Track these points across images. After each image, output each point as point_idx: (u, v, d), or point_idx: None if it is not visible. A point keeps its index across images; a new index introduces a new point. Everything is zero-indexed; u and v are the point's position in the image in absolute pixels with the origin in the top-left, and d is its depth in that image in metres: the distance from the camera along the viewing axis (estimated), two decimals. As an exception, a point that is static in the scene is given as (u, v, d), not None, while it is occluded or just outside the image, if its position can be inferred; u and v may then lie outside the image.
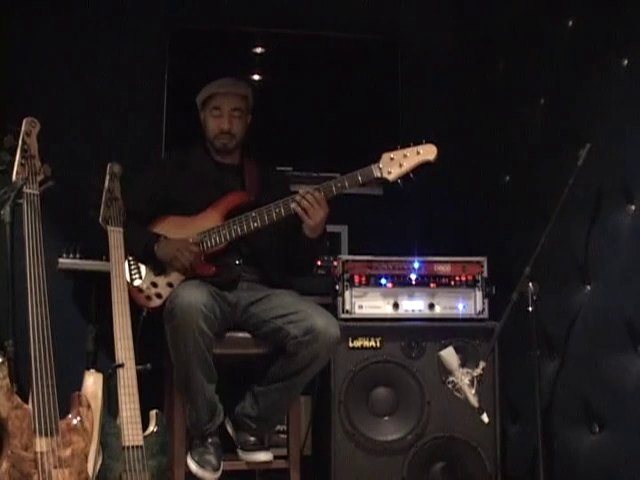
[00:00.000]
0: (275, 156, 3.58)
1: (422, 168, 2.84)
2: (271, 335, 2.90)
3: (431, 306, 3.17)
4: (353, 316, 3.13)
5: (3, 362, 2.29)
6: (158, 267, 2.95)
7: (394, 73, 3.94)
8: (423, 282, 3.18)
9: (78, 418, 2.39)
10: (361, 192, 3.59)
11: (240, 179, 3.14)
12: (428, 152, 2.83)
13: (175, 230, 2.97)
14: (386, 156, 2.85)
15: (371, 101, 3.93)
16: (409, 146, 2.84)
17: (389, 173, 2.84)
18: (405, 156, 2.84)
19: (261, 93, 3.48)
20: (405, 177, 2.84)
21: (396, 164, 2.84)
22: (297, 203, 2.84)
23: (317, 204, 2.83)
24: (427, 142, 2.84)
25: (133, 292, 2.89)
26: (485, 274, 3.19)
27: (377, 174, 2.85)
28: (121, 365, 2.53)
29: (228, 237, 2.93)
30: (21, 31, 3.66)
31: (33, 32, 3.67)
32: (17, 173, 2.50)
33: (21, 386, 2.40)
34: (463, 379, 2.55)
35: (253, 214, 2.90)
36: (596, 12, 2.84)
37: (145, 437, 2.51)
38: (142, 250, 2.94)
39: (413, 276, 3.18)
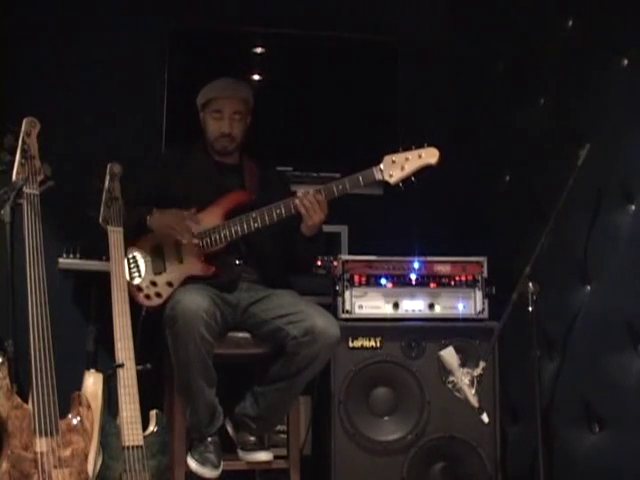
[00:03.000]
0: (275, 156, 3.58)
1: (423, 170, 2.84)
2: (271, 335, 2.90)
3: (431, 306, 3.17)
4: (353, 316, 3.13)
5: (3, 362, 2.30)
6: (158, 266, 2.95)
7: (393, 73, 3.95)
8: (423, 282, 3.18)
9: (78, 418, 2.39)
10: (361, 192, 3.58)
11: (240, 179, 3.15)
12: (430, 155, 2.82)
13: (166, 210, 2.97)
14: (388, 159, 2.84)
15: (370, 101, 3.93)
16: (411, 149, 2.84)
17: (390, 176, 2.83)
18: (407, 159, 2.83)
19: (261, 93, 3.48)
20: (406, 180, 2.84)
21: (398, 167, 2.83)
22: (300, 201, 2.84)
23: (318, 205, 2.83)
24: (429, 145, 2.83)
25: (132, 290, 2.89)
26: (485, 274, 3.19)
27: (378, 177, 2.84)
28: (121, 365, 2.53)
29: (228, 237, 2.93)
30: (21, 31, 3.66)
31: (33, 32, 3.68)
32: (17, 173, 2.50)
33: (21, 386, 2.40)
34: (463, 379, 2.55)
35: (254, 214, 2.90)
36: (596, 12, 2.84)
37: (145, 437, 2.51)
38: (135, 224, 2.90)
39: (413, 276, 3.18)
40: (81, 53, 3.73)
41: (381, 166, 2.84)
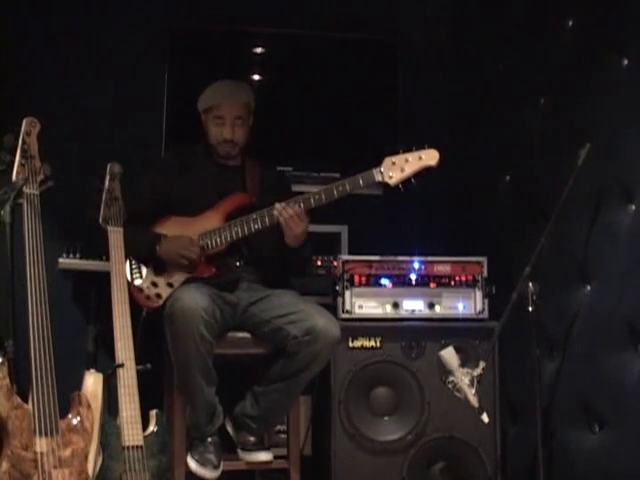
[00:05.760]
0: (275, 156, 3.58)
1: (423, 172, 2.84)
2: (271, 335, 2.90)
3: (431, 306, 3.17)
4: (353, 316, 3.13)
5: (3, 362, 2.30)
6: (159, 267, 2.96)
7: (394, 73, 3.95)
8: (423, 282, 3.18)
9: (78, 418, 2.39)
10: (361, 192, 3.60)
11: (241, 180, 3.15)
12: (430, 157, 2.82)
13: (177, 230, 2.98)
14: (388, 160, 2.84)
15: (371, 101, 3.93)
16: (411, 150, 2.84)
17: (390, 177, 2.83)
18: (407, 161, 2.83)
19: (261, 93, 3.48)
20: (406, 182, 2.84)
21: (398, 169, 2.83)
22: (278, 212, 2.84)
23: (297, 217, 2.83)
24: (429, 147, 2.84)
25: (133, 291, 2.89)
26: (485, 274, 3.19)
27: (378, 178, 2.85)
28: (121, 365, 2.53)
29: (229, 238, 2.93)
30: (21, 31, 3.66)
31: (33, 32, 3.67)
32: (17, 173, 2.50)
33: (21, 386, 2.40)
34: (463, 379, 2.54)
35: (254, 216, 2.90)
36: (596, 12, 2.84)
37: (145, 437, 2.51)
38: (144, 252, 2.94)
39: (413, 276, 3.18)
40: (81, 53, 3.73)
41: (381, 168, 2.84)
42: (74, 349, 3.36)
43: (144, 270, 2.97)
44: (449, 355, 2.61)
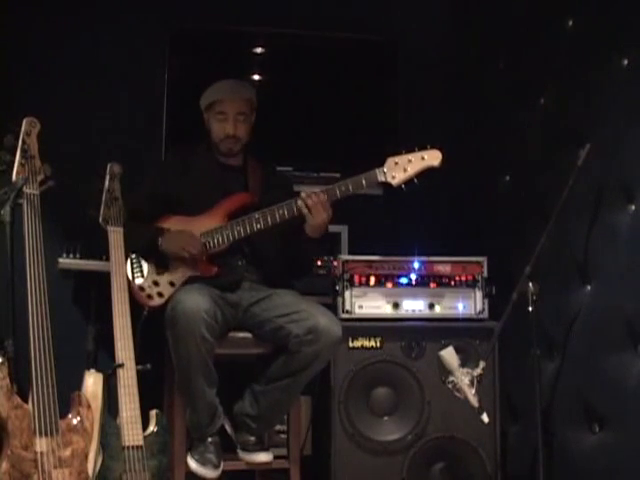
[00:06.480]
0: (275, 156, 3.58)
1: (425, 172, 2.84)
2: (273, 334, 2.90)
3: (431, 306, 3.17)
4: (353, 316, 3.13)
5: (3, 362, 2.30)
6: (160, 266, 2.96)
7: (394, 73, 3.95)
8: (423, 282, 3.18)
9: (78, 418, 2.39)
10: (361, 192, 3.60)
11: (243, 180, 3.15)
12: (433, 157, 2.84)
13: (178, 229, 2.98)
14: (390, 161, 2.85)
15: (371, 101, 3.93)
16: (414, 151, 2.85)
17: (393, 178, 2.85)
18: (409, 161, 2.84)
19: (261, 93, 3.48)
20: (409, 182, 2.85)
21: (400, 169, 2.84)
22: (303, 201, 2.85)
23: (321, 205, 2.84)
24: (432, 147, 2.84)
25: (134, 290, 2.89)
26: (485, 274, 3.19)
27: (381, 178, 2.86)
28: (121, 365, 2.53)
29: (231, 238, 2.93)
30: (21, 31, 3.66)
31: (33, 32, 3.67)
32: (17, 173, 2.51)
33: (21, 386, 2.40)
34: (463, 379, 2.54)
35: (256, 215, 2.91)
36: (596, 12, 2.84)
37: (145, 437, 2.51)
38: (146, 245, 2.94)
39: (413, 276, 3.18)
40: (81, 53, 3.73)
41: (384, 168, 2.85)
42: (74, 349, 3.36)
43: (145, 269, 2.96)
44: (449, 355, 2.61)
